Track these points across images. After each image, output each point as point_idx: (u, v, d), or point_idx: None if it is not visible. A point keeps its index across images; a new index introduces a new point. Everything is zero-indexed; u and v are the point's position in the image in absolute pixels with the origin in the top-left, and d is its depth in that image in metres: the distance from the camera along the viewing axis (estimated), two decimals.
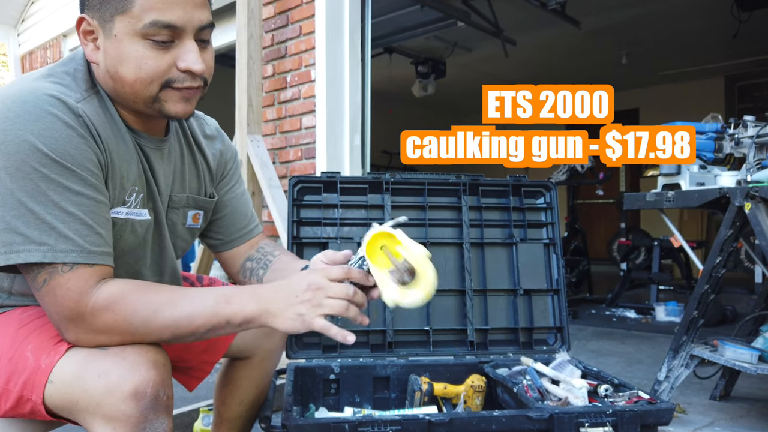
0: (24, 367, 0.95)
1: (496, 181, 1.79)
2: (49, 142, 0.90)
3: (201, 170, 1.22)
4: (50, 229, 0.90)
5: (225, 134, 1.33)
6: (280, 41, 3.28)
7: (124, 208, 1.04)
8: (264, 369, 1.42)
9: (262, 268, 1.29)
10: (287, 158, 3.25)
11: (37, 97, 0.92)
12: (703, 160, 2.28)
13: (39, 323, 1.01)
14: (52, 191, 0.90)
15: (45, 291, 0.92)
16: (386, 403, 1.56)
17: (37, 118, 0.90)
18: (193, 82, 1.00)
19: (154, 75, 0.97)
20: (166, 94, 0.99)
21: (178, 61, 0.98)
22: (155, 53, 0.96)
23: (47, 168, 0.90)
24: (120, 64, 0.97)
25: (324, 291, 0.96)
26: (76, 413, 0.92)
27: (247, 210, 1.35)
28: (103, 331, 0.93)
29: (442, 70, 6.20)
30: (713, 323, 3.67)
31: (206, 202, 1.24)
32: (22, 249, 0.89)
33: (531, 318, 1.73)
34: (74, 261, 0.91)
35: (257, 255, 1.32)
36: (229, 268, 1.35)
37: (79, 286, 0.91)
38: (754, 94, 7.01)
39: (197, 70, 0.99)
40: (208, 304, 0.95)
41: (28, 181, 0.89)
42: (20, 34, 5.52)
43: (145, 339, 0.95)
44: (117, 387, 0.88)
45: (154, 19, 0.94)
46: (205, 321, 0.95)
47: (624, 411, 1.18)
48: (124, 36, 0.95)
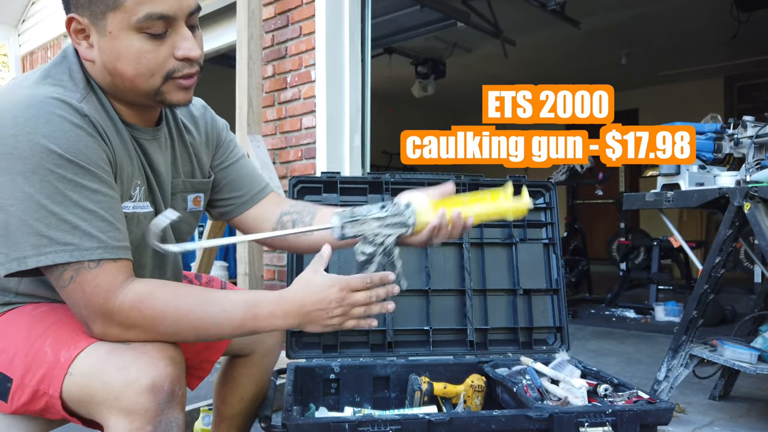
0: (42, 361, 0.96)
1: (496, 181, 1.79)
2: (61, 143, 0.91)
3: (191, 152, 1.22)
4: (73, 228, 0.91)
5: (211, 109, 1.32)
6: (280, 42, 3.28)
7: (131, 202, 1.05)
8: (264, 366, 1.43)
9: (308, 215, 1.28)
10: (287, 158, 3.25)
11: (41, 101, 0.92)
12: (702, 160, 2.28)
13: (55, 318, 1.02)
14: (71, 191, 0.91)
15: (72, 288, 0.93)
16: (386, 403, 1.56)
17: (46, 122, 0.91)
18: (191, 68, 1.01)
19: (154, 67, 0.98)
20: (168, 86, 1.01)
21: (175, 50, 0.98)
22: (152, 45, 0.96)
23: (63, 168, 0.90)
24: (118, 60, 0.97)
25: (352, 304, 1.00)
26: (92, 407, 0.93)
27: (253, 171, 1.36)
28: (130, 327, 0.94)
29: (441, 71, 6.21)
30: (712, 323, 3.67)
31: (203, 183, 1.24)
32: (49, 251, 0.90)
33: (530, 318, 1.73)
34: (100, 257, 0.92)
35: (295, 209, 1.31)
36: (252, 227, 1.32)
37: (108, 281, 0.93)
38: (753, 94, 7.01)
39: (194, 56, 1.00)
40: (236, 316, 0.98)
41: (46, 183, 0.90)
42: (21, 35, 5.52)
43: (170, 339, 0.97)
44: (136, 380, 0.89)
45: (147, 12, 0.94)
46: (232, 331, 0.99)
47: (623, 411, 1.18)
48: (118, 32, 0.95)
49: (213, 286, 1.42)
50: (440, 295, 1.72)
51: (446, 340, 1.70)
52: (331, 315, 0.99)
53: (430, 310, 1.70)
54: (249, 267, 2.82)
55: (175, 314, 0.95)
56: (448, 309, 1.72)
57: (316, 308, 0.99)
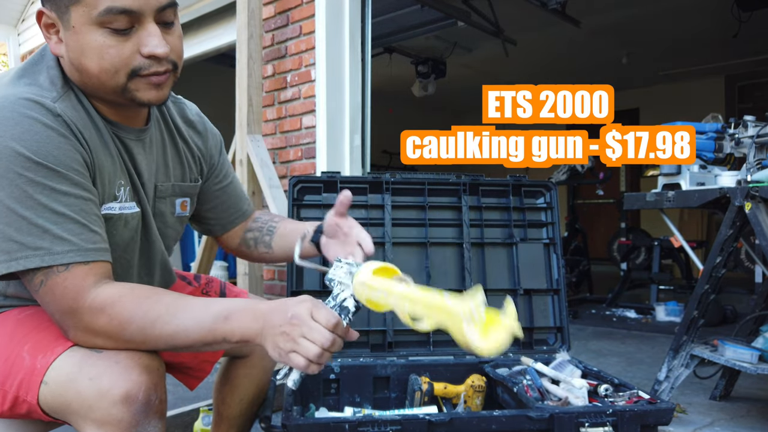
0: (20, 367, 0.94)
1: (496, 181, 1.79)
2: (30, 145, 0.88)
3: (183, 156, 1.20)
4: (43, 233, 0.89)
5: (207, 119, 1.31)
6: (280, 41, 3.28)
7: (117, 203, 1.03)
8: (263, 366, 1.42)
9: (267, 234, 1.31)
10: (287, 158, 3.25)
11: (12, 102, 0.90)
12: (703, 159, 2.28)
13: (36, 322, 1.00)
14: (40, 194, 0.89)
15: (44, 292, 0.91)
16: (386, 403, 1.56)
17: (15, 123, 0.89)
18: (159, 66, 0.97)
19: (118, 64, 0.94)
20: (136, 83, 0.96)
21: (141, 47, 0.94)
22: (115, 41, 0.93)
23: (32, 171, 0.88)
24: (82, 55, 0.94)
25: (301, 329, 0.88)
26: (69, 416, 0.91)
27: (241, 192, 1.38)
28: (98, 333, 0.92)
29: (442, 70, 6.20)
30: (713, 323, 3.67)
31: (191, 187, 1.23)
32: (20, 256, 0.88)
33: (531, 318, 1.73)
34: (71, 261, 0.90)
35: (256, 225, 1.35)
36: (228, 245, 1.38)
37: (76, 284, 0.90)
38: (754, 93, 7.01)
39: (160, 53, 0.95)
40: (206, 321, 0.92)
41: (15, 187, 0.88)
42: (20, 34, 5.52)
43: (140, 347, 0.93)
44: (108, 391, 0.87)
45: (108, 6, 0.90)
46: (202, 337, 0.92)
47: (624, 411, 1.18)
48: (81, 26, 0.92)
49: (212, 287, 1.42)
50: None
51: (446, 340, 1.69)
52: (281, 331, 0.88)
53: None
54: (249, 267, 2.83)
55: (142, 322, 0.91)
56: None
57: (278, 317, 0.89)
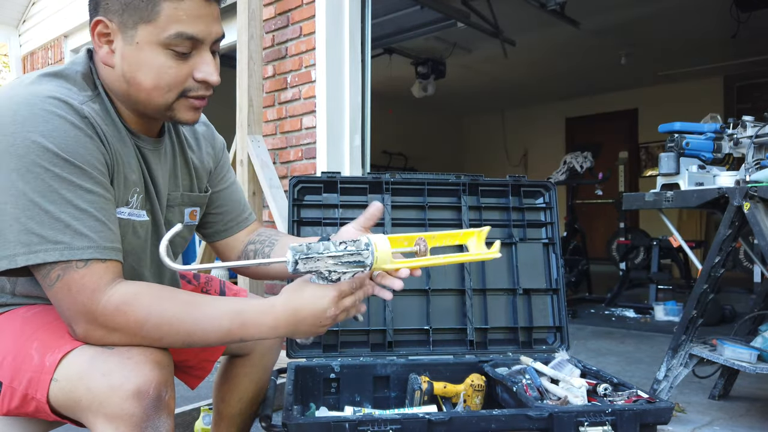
0: (29, 365, 0.95)
1: (495, 181, 1.79)
2: (58, 142, 0.91)
3: (191, 167, 1.23)
4: (65, 227, 0.90)
5: (211, 125, 1.34)
6: (280, 42, 3.28)
7: (127, 208, 1.05)
8: (263, 365, 1.43)
9: (268, 246, 1.30)
10: (288, 158, 3.25)
11: (42, 99, 0.93)
12: (702, 160, 2.28)
13: (44, 321, 1.01)
14: (65, 189, 0.91)
15: (59, 287, 0.92)
16: (386, 402, 1.56)
17: (45, 120, 0.91)
18: (206, 91, 1.05)
19: (172, 84, 1.01)
20: (180, 103, 1.03)
21: (196, 72, 1.02)
22: (175, 63, 0.99)
23: (58, 167, 0.91)
24: (138, 70, 0.99)
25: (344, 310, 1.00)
26: (79, 412, 0.92)
27: (241, 198, 1.38)
28: (113, 330, 0.93)
29: (441, 71, 6.21)
30: (712, 323, 3.68)
31: (200, 197, 1.25)
32: (40, 249, 0.89)
33: (530, 317, 1.74)
34: (90, 257, 0.92)
35: (259, 238, 1.34)
36: (225, 254, 1.36)
37: (94, 281, 0.92)
38: (753, 94, 7.01)
39: (213, 81, 1.03)
40: (223, 325, 0.96)
41: (40, 181, 0.90)
42: (21, 35, 5.52)
43: (155, 344, 0.95)
44: (120, 386, 0.88)
45: (179, 31, 0.97)
46: (219, 338, 0.97)
47: (623, 410, 1.18)
48: (146, 44, 0.98)
49: (212, 286, 1.43)
50: (440, 295, 1.72)
51: (446, 339, 1.70)
52: (323, 324, 0.98)
53: (430, 310, 1.70)
54: None
55: (159, 318, 0.93)
56: (448, 308, 1.72)
57: (311, 316, 0.97)
